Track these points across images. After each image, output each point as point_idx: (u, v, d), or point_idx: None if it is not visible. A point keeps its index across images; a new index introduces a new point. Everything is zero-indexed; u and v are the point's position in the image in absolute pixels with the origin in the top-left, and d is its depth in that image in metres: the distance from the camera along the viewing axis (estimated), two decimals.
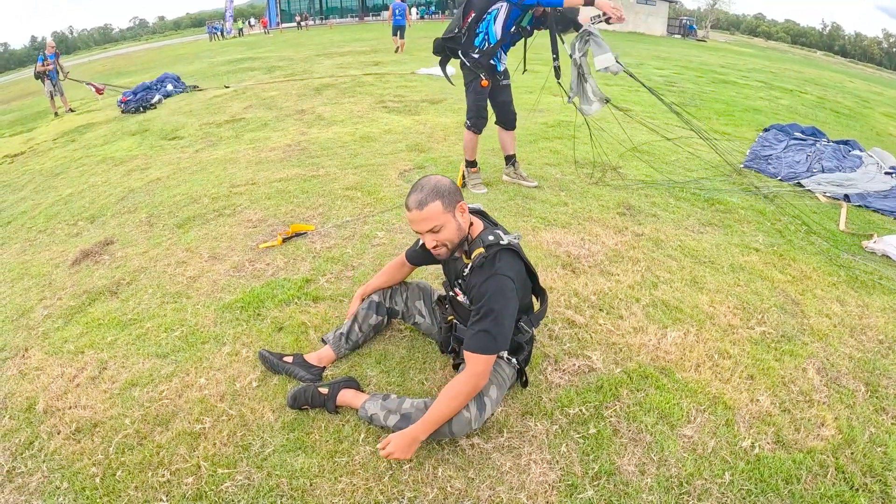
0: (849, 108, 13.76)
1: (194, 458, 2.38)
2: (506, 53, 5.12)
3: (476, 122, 5.14)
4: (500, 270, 2.30)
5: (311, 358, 2.88)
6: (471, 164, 5.45)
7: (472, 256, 2.36)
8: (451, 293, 2.67)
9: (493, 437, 2.48)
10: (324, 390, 2.61)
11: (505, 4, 4.63)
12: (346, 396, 2.60)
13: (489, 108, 5.21)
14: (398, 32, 20.20)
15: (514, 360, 2.59)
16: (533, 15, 4.82)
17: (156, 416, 2.63)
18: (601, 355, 2.98)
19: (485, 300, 2.27)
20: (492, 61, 4.92)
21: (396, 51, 19.73)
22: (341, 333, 2.94)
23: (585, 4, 4.36)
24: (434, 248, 2.37)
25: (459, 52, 4.91)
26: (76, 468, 2.38)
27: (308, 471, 2.31)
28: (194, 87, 13.29)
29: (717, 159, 6.58)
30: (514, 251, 2.39)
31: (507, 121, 5.33)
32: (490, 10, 4.68)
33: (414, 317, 3.02)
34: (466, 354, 2.28)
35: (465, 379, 2.25)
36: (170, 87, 12.54)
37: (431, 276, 3.58)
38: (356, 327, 2.95)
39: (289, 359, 2.87)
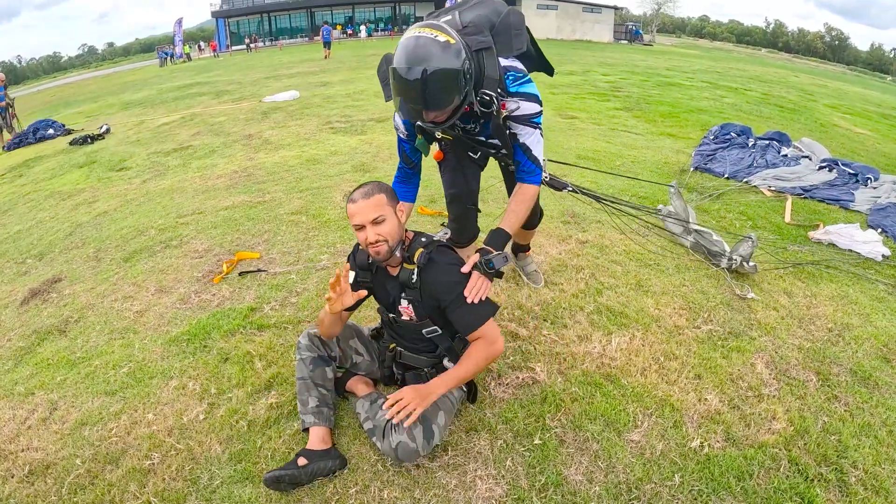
0: (793, 101, 14.20)
1: (144, 495, 2.36)
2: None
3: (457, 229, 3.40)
4: (448, 261, 2.42)
5: (316, 444, 2.47)
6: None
7: (416, 258, 2.39)
8: (390, 316, 2.61)
9: (437, 456, 2.47)
10: (339, 374, 2.77)
11: None
12: (354, 384, 2.76)
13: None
14: (327, 46, 29.90)
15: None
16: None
17: (106, 454, 2.59)
18: (545, 366, 2.97)
19: (452, 285, 2.37)
20: None
21: (325, 57, 27.84)
22: (318, 408, 2.53)
23: None
24: (375, 244, 2.30)
25: None
26: None
27: (255, 501, 2.29)
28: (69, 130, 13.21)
29: (662, 160, 6.69)
30: (448, 247, 2.52)
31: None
32: None
33: (350, 358, 2.76)
34: (477, 332, 2.36)
35: (484, 345, 2.36)
36: (51, 130, 13.04)
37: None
38: (325, 391, 2.60)
39: (303, 461, 2.38)
